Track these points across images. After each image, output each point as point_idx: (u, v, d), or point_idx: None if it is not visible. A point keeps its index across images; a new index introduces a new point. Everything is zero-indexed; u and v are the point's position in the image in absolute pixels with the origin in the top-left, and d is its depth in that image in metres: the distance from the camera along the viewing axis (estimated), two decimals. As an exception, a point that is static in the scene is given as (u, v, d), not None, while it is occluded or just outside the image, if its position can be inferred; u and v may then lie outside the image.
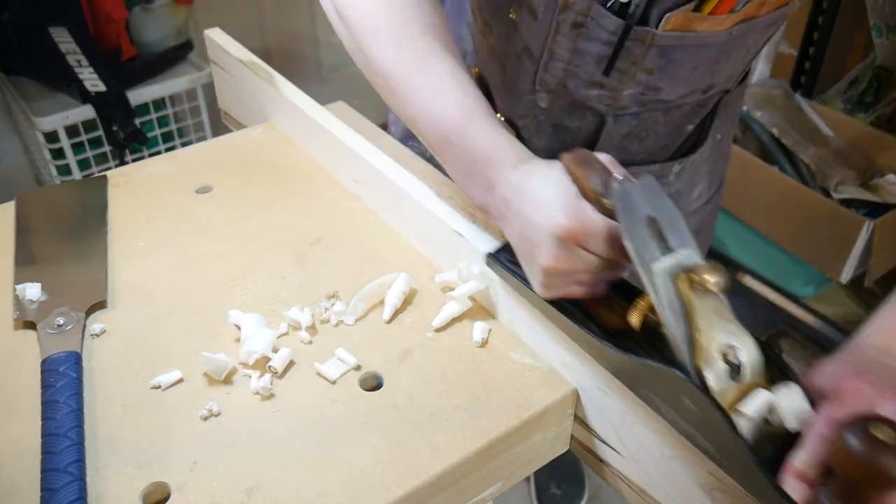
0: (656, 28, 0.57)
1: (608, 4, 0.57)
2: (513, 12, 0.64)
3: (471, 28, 0.73)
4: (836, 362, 0.47)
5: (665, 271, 0.48)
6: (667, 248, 0.49)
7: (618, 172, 0.52)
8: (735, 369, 0.46)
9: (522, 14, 0.63)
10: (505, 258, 0.59)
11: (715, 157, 0.77)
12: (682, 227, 0.50)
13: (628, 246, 0.48)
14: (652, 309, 0.49)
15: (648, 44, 0.58)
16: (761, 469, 0.43)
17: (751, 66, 0.71)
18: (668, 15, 0.56)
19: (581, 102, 0.63)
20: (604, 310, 0.55)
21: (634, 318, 0.51)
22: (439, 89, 0.58)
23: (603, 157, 0.53)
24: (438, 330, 0.62)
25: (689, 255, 0.49)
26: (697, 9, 0.55)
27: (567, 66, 0.62)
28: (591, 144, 0.67)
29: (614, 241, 0.50)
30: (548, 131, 0.72)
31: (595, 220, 0.50)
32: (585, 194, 0.51)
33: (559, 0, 0.59)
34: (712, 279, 0.47)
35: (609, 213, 0.50)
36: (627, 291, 0.54)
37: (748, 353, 0.47)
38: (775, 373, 0.48)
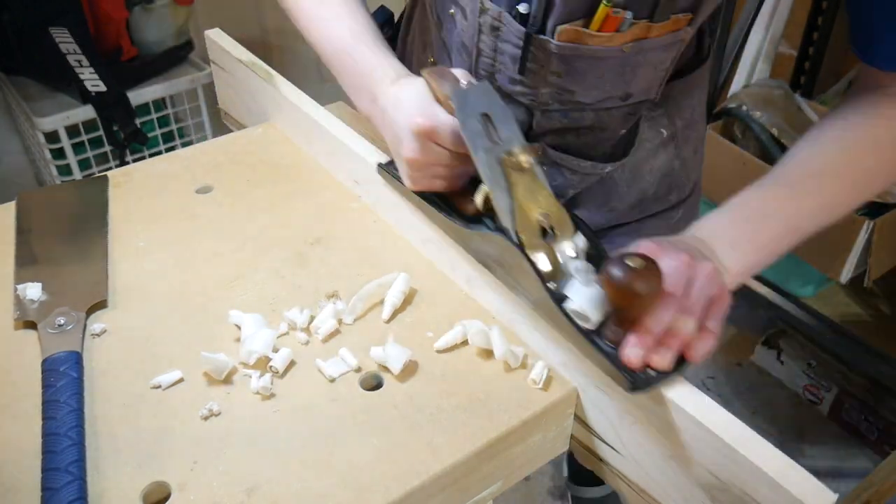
0: (553, 38, 0.63)
1: (513, 13, 0.64)
2: (452, 10, 0.71)
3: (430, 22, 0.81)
4: (650, 240, 0.56)
5: (492, 155, 0.58)
6: (497, 138, 0.59)
7: (465, 81, 0.62)
8: (548, 232, 0.58)
9: (458, 12, 0.71)
10: (392, 169, 0.69)
11: (667, 164, 0.80)
12: (512, 122, 0.60)
13: (463, 135, 0.58)
14: None
15: (549, 51, 0.64)
16: (561, 309, 0.54)
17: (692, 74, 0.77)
18: (560, 27, 0.62)
19: (510, 95, 0.70)
20: (461, 199, 0.65)
21: (478, 198, 0.61)
22: (334, 17, 0.73)
23: (458, 72, 0.63)
24: (440, 351, 0.62)
25: (511, 140, 0.60)
26: (587, 25, 0.61)
27: (492, 62, 0.69)
28: (526, 132, 0.74)
29: (459, 136, 0.59)
30: None
31: (443, 118, 0.60)
32: (438, 99, 0.62)
33: (478, 4, 0.66)
34: (523, 157, 0.59)
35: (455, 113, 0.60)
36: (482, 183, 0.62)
37: (559, 219, 0.58)
38: (584, 229, 0.60)
